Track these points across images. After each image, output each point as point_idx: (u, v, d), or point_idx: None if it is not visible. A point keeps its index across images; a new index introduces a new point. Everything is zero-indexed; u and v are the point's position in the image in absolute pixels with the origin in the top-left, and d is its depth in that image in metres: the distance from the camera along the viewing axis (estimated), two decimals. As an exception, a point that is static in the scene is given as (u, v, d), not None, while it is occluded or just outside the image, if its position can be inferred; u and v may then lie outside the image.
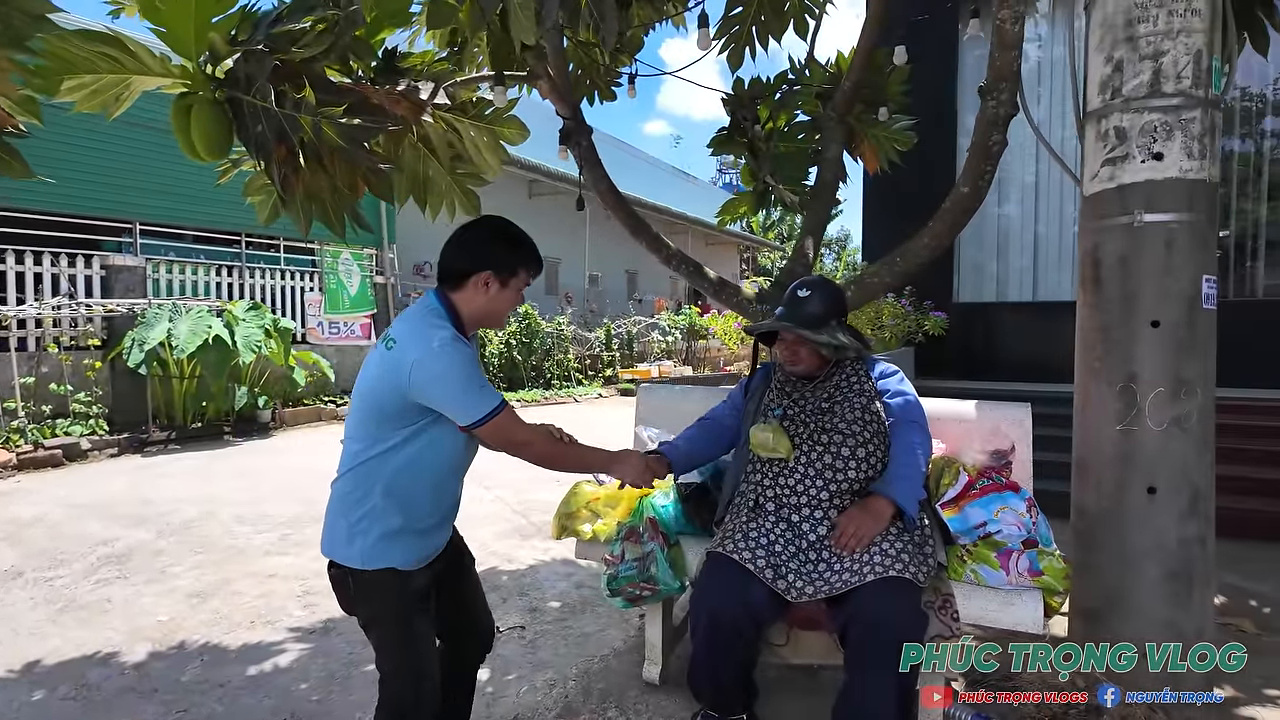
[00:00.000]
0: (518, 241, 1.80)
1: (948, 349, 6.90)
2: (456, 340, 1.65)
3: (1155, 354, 2.20)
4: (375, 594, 1.70)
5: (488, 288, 1.75)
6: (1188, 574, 2.19)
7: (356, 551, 1.67)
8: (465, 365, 1.62)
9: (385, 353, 1.67)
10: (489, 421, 1.63)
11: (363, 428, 1.69)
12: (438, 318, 1.70)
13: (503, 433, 1.66)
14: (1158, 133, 2.18)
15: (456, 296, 1.76)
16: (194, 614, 3.53)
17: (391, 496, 1.67)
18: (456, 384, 1.61)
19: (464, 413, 1.62)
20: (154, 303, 8.51)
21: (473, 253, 1.75)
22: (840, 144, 3.83)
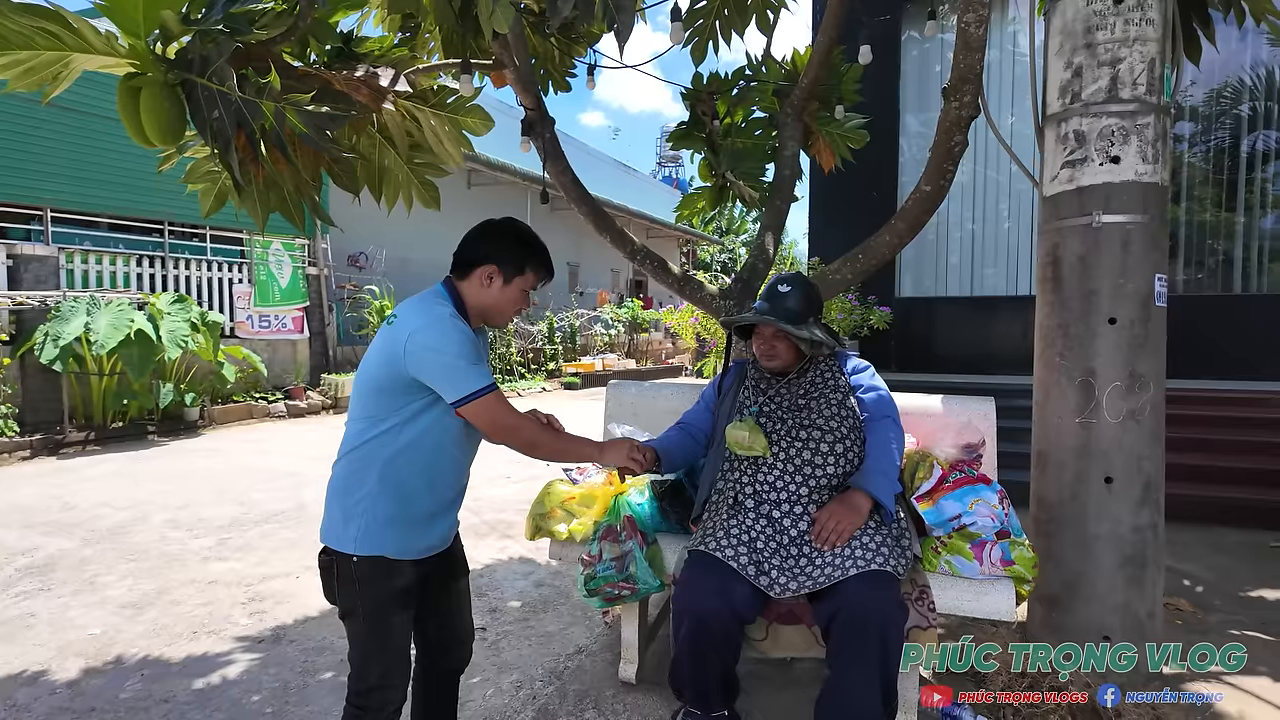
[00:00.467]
0: (529, 243, 1.81)
1: (891, 342, 7.09)
2: (455, 318, 1.66)
3: (1112, 350, 2.30)
4: (359, 582, 1.68)
5: (491, 282, 1.76)
6: (1141, 558, 2.30)
7: (350, 536, 1.67)
8: (460, 341, 1.62)
9: (386, 329, 1.69)
10: (475, 400, 1.61)
11: (361, 405, 1.70)
12: (441, 299, 1.73)
13: (489, 414, 1.65)
14: (1115, 137, 2.27)
15: (462, 286, 1.77)
16: (130, 626, 3.33)
17: (387, 482, 1.66)
18: (448, 357, 1.60)
19: (452, 388, 1.61)
20: (69, 295, 7.99)
21: (482, 245, 1.77)
22: (797, 141, 3.86)
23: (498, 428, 1.68)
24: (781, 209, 3.79)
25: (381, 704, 1.72)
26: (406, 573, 1.71)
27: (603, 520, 2.31)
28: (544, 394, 13.45)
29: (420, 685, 1.99)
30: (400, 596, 1.70)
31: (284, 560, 4.15)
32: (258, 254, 10.63)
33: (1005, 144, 2.74)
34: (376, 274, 12.94)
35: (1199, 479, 4.63)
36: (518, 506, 5.08)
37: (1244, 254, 6.81)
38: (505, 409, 1.68)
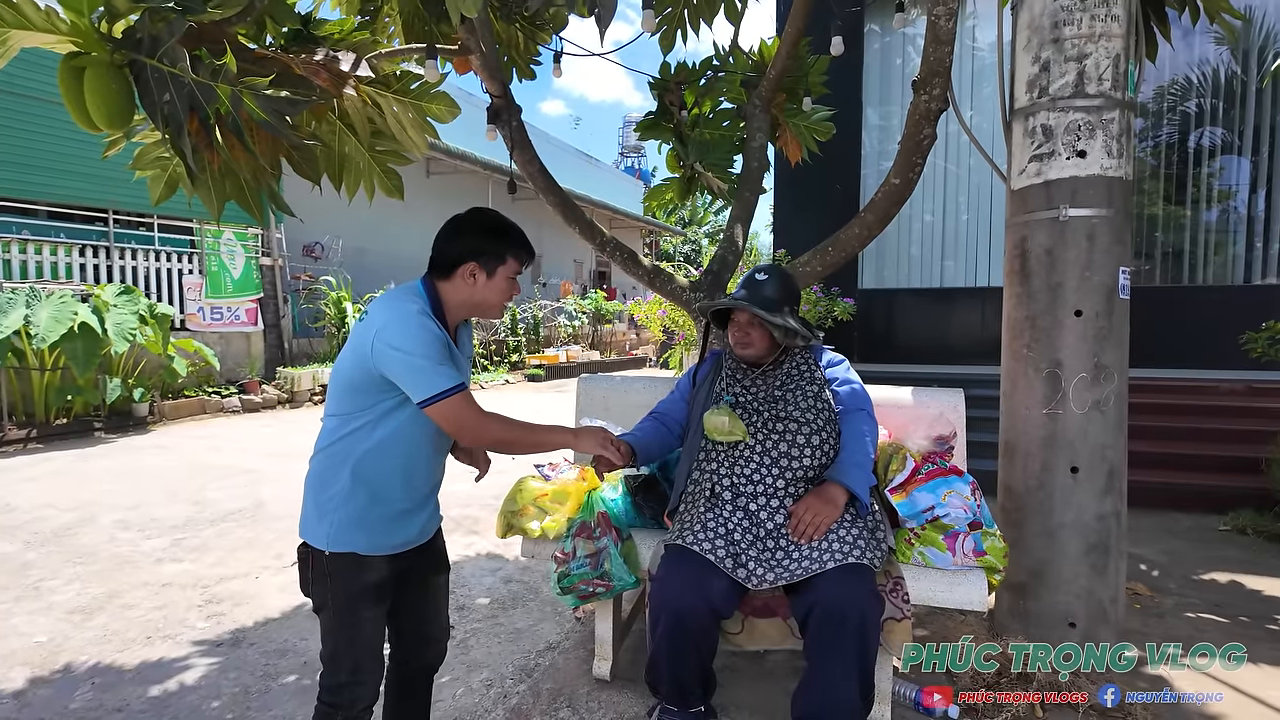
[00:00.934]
0: (503, 230, 1.78)
1: (854, 334, 7.17)
2: (424, 314, 1.63)
3: (1078, 341, 2.33)
4: (330, 577, 1.67)
5: (474, 278, 1.74)
6: (1105, 546, 2.35)
7: (323, 532, 1.66)
8: (425, 339, 1.59)
9: (358, 325, 1.69)
10: (440, 401, 1.59)
11: (336, 401, 1.69)
12: (413, 296, 1.70)
13: (455, 414, 1.61)
14: (1081, 131, 2.30)
15: (443, 286, 1.75)
16: (79, 632, 3.19)
17: (360, 479, 1.65)
18: (414, 356, 1.58)
19: (417, 387, 1.59)
20: (5, 286, 7.63)
21: (459, 244, 1.74)
22: (765, 133, 3.86)
23: (464, 430, 1.66)
24: (750, 200, 3.78)
25: (352, 700, 1.70)
26: (379, 568, 1.69)
27: (576, 517, 2.27)
28: (506, 386, 13.32)
29: (393, 683, 1.95)
30: (372, 592, 1.68)
31: (241, 560, 4.02)
32: (209, 244, 10.28)
33: (973, 138, 2.77)
34: (333, 264, 12.64)
35: (1152, 465, 4.78)
36: (484, 502, 5.01)
37: (1191, 247, 7.04)
38: (472, 410, 1.64)
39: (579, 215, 3.27)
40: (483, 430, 1.67)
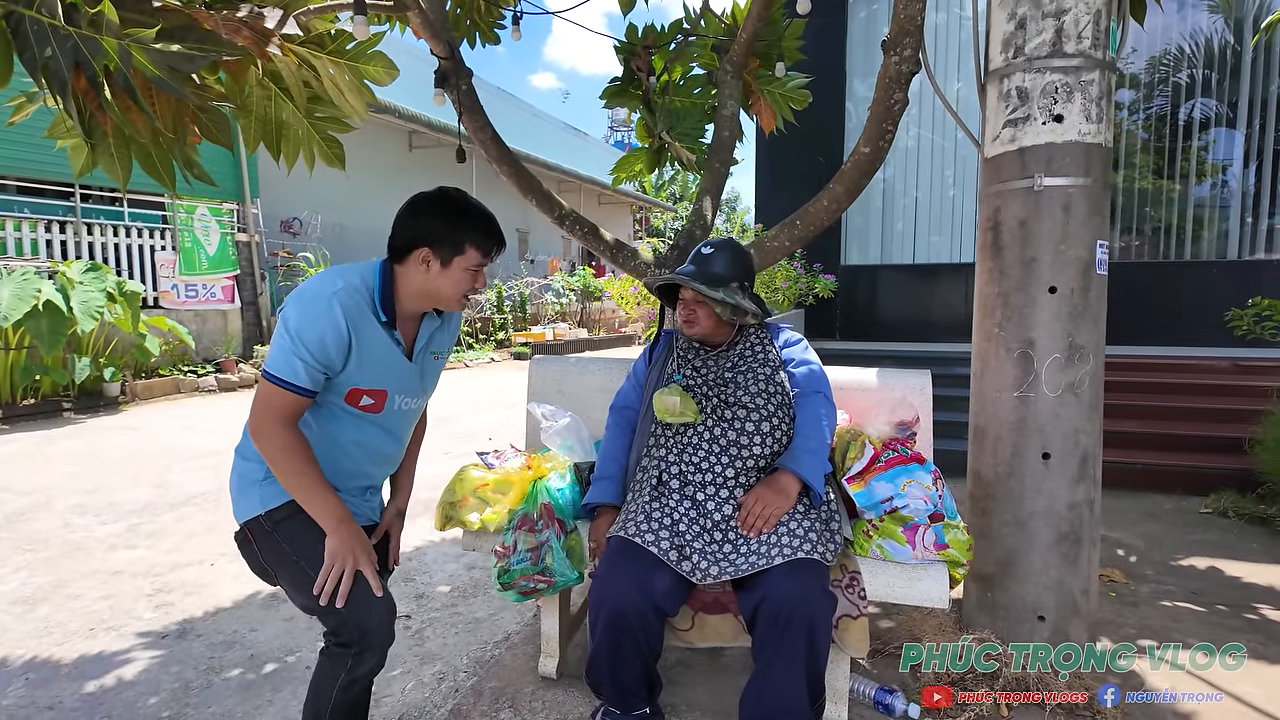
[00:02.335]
0: (463, 215, 1.64)
1: (836, 310, 7.03)
2: (334, 299, 1.54)
3: (1052, 320, 2.19)
4: (276, 529, 1.61)
5: (427, 266, 1.62)
6: (1077, 535, 2.23)
7: (255, 497, 1.62)
8: (309, 326, 1.51)
9: None
10: (265, 380, 1.53)
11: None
12: (358, 275, 1.61)
13: (261, 400, 1.54)
14: (1059, 94, 2.14)
15: (398, 270, 1.65)
16: (18, 625, 3.06)
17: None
18: (287, 332, 1.52)
19: (269, 357, 1.54)
20: (-34, 263, 7.41)
21: (413, 226, 1.62)
22: (737, 100, 3.67)
23: (252, 418, 1.55)
24: (720, 171, 3.61)
25: (365, 639, 1.59)
26: None
27: (518, 508, 2.13)
28: (492, 364, 13.17)
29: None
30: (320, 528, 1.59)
31: (197, 546, 3.89)
32: (181, 219, 10.03)
33: (945, 101, 2.60)
34: (312, 240, 12.40)
35: (1133, 445, 4.68)
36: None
37: (1179, 221, 6.90)
38: (272, 410, 1.53)
39: (535, 186, 3.11)
40: (263, 432, 1.54)
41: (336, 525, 1.57)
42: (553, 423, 2.37)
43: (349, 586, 1.55)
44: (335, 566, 1.55)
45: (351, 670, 1.59)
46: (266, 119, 2.75)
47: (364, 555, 1.58)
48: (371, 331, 1.61)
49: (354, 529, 1.59)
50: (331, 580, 1.54)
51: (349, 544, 1.57)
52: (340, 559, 1.55)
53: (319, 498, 1.56)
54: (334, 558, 1.55)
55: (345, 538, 1.57)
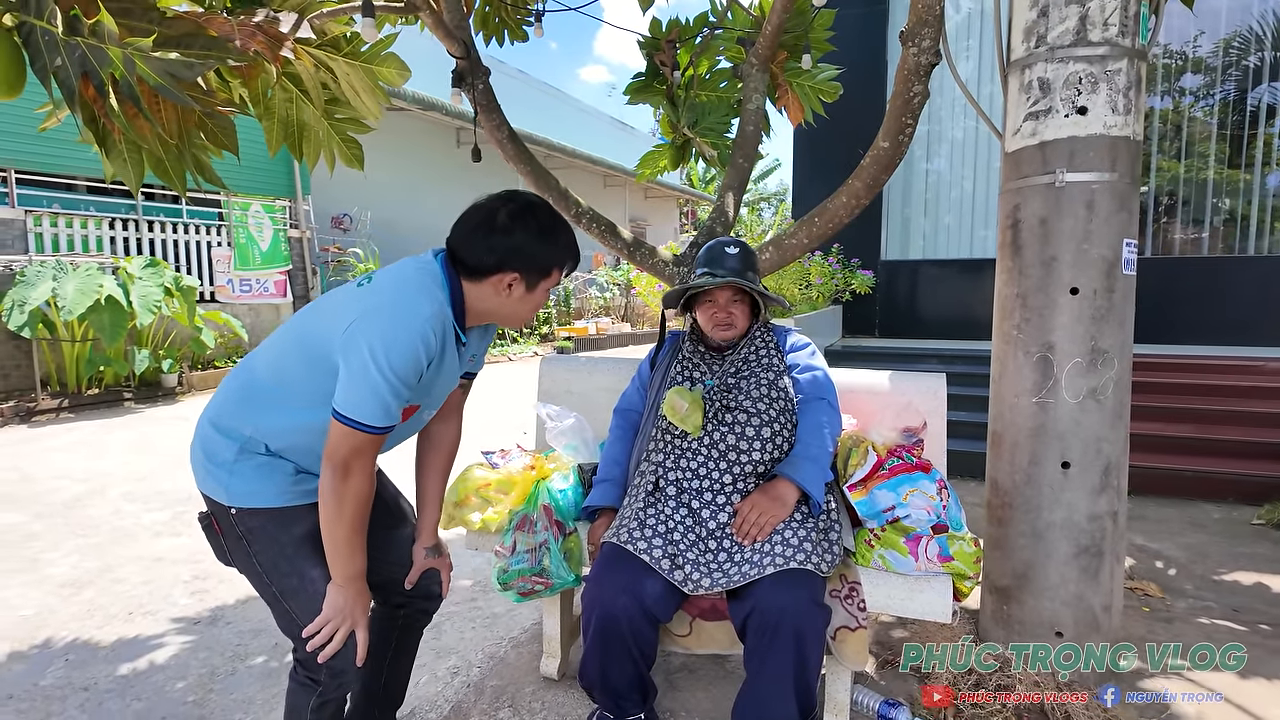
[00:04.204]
0: (555, 235, 1.50)
1: (875, 307, 6.87)
2: (428, 328, 1.38)
3: (1073, 322, 2.09)
4: (247, 542, 1.53)
5: (510, 290, 1.49)
6: (1098, 548, 2.13)
7: (221, 488, 1.51)
8: (406, 369, 1.36)
9: (355, 289, 1.48)
10: (346, 424, 1.36)
11: (276, 352, 1.51)
12: (434, 292, 1.44)
13: (344, 445, 1.39)
14: (1082, 85, 2.03)
15: (469, 287, 1.50)
16: (65, 607, 3.21)
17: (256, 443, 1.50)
18: (379, 374, 1.34)
19: (347, 396, 1.36)
20: (34, 259, 7.80)
21: (499, 245, 1.45)
22: (763, 94, 3.60)
23: (328, 457, 1.40)
24: (744, 167, 3.55)
25: (333, 675, 1.54)
26: (303, 518, 1.51)
27: (519, 509, 2.14)
28: (535, 358, 13.28)
29: (379, 627, 1.83)
30: (307, 544, 1.51)
31: (233, 535, 4.02)
32: (236, 216, 10.38)
33: (967, 92, 2.50)
34: (361, 236, 12.68)
35: (1183, 451, 4.45)
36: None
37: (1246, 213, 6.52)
38: (361, 455, 1.40)
39: (553, 184, 3.10)
40: (335, 476, 1.40)
41: (347, 581, 1.48)
42: (557, 423, 2.36)
43: (338, 646, 1.48)
44: (332, 623, 1.47)
45: (321, 695, 1.57)
46: (288, 121, 2.81)
47: (363, 618, 1.51)
48: (449, 353, 1.51)
49: (362, 588, 1.51)
50: (324, 635, 1.48)
51: (353, 603, 1.49)
52: (339, 617, 1.48)
53: (350, 553, 1.46)
54: (334, 611, 1.48)
55: (352, 596, 1.49)
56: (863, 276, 6.00)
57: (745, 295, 2.09)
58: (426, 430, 1.80)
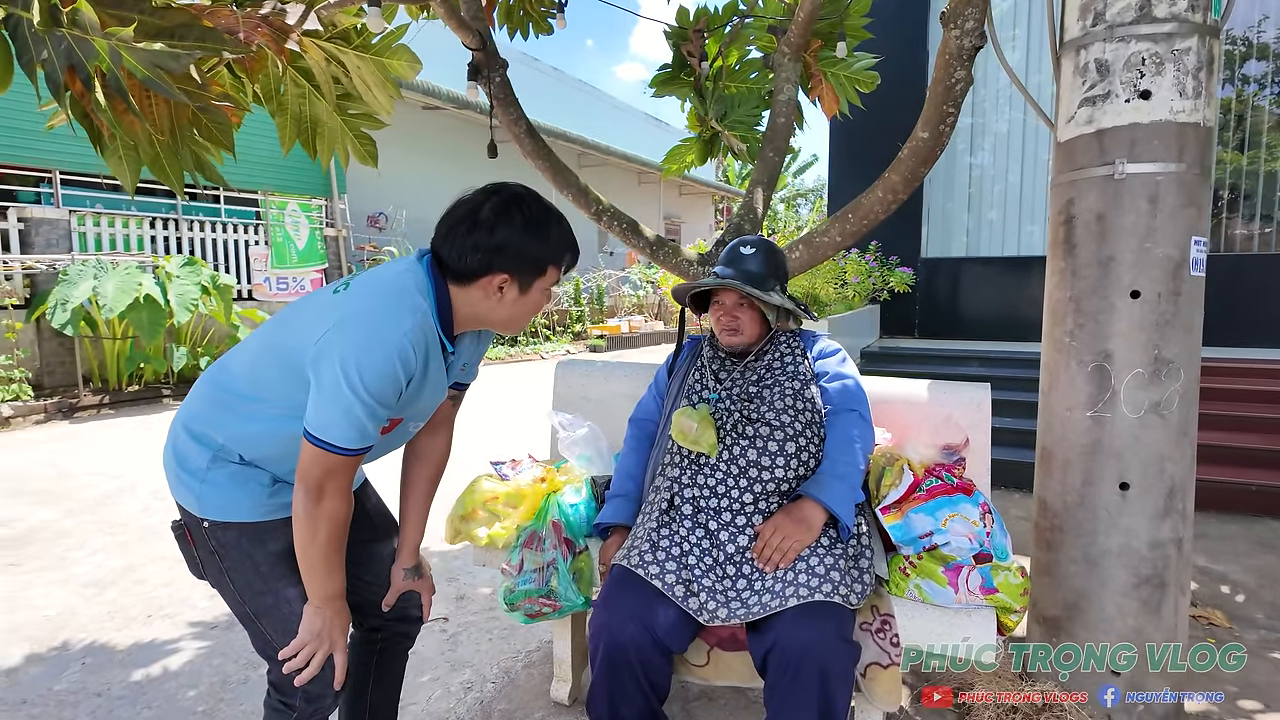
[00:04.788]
0: (546, 229, 1.37)
1: (914, 306, 6.62)
2: (406, 341, 1.27)
3: (1134, 329, 1.88)
4: (220, 557, 1.44)
5: (501, 293, 1.37)
6: (1160, 578, 1.92)
7: (193, 498, 1.41)
8: (381, 389, 1.25)
9: (331, 296, 1.36)
10: (319, 446, 1.26)
11: (249, 357, 1.41)
12: (414, 302, 1.32)
13: (317, 466, 1.28)
14: (1146, 66, 1.83)
15: (456, 291, 1.38)
16: (87, 608, 3.20)
17: (229, 453, 1.41)
18: (351, 393, 1.24)
19: (318, 416, 1.26)
20: (76, 258, 7.95)
21: (485, 245, 1.33)
22: (795, 85, 3.43)
23: (301, 479, 1.30)
24: (774, 161, 3.38)
25: (309, 700, 1.44)
26: (279, 533, 1.41)
27: (527, 525, 2.01)
28: (567, 356, 13.22)
29: (357, 653, 1.74)
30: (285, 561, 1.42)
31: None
32: (273, 215, 10.49)
33: (1014, 76, 2.30)
34: (396, 235, 12.76)
35: (1248, 463, 4.14)
36: (505, 481, 4.86)
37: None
38: (335, 478, 1.30)
39: (571, 181, 2.97)
40: (308, 498, 1.30)
41: (325, 602, 1.38)
42: (570, 432, 2.24)
43: (316, 670, 1.39)
44: (309, 646, 1.38)
45: (298, 718, 1.47)
46: (301, 117, 2.73)
47: (341, 640, 1.41)
48: (433, 365, 1.40)
49: (341, 607, 1.41)
50: (301, 659, 1.38)
51: (331, 624, 1.39)
52: (315, 640, 1.38)
53: (327, 574, 1.36)
54: (310, 634, 1.38)
55: (330, 617, 1.39)
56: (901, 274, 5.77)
57: (753, 299, 1.93)
58: (413, 443, 1.68)
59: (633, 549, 1.77)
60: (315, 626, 1.39)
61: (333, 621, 1.40)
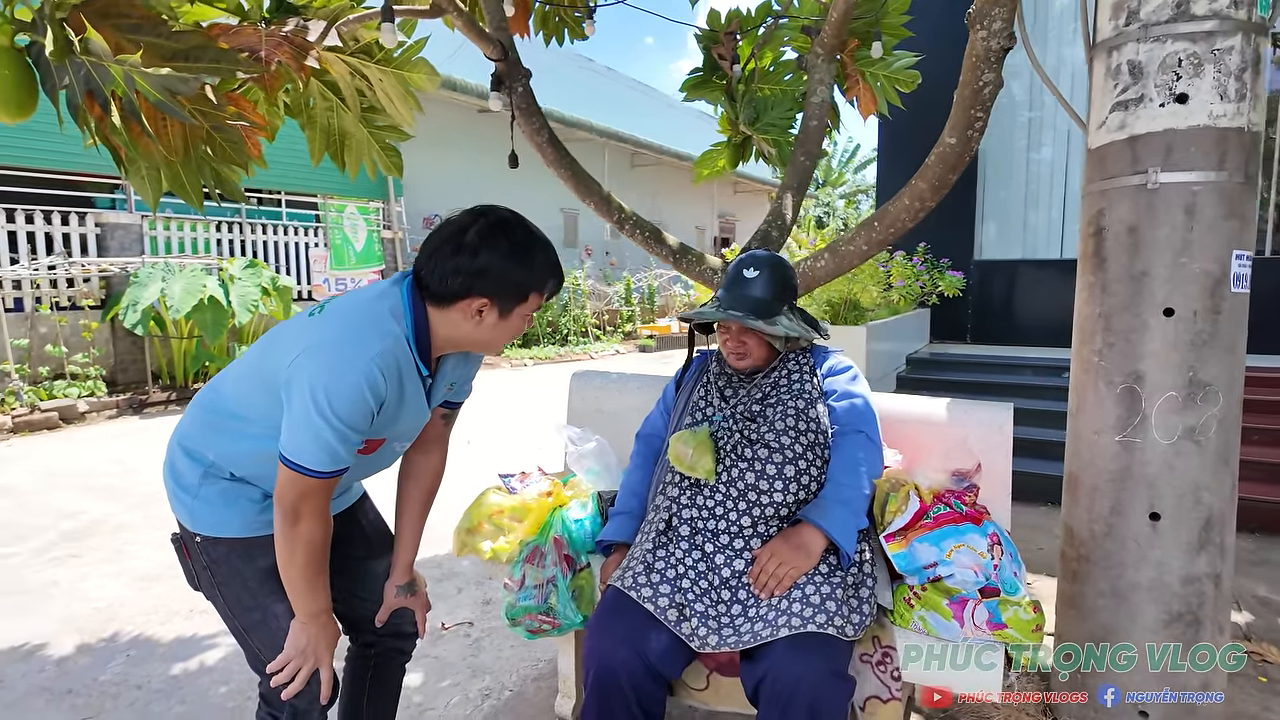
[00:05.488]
0: (529, 255, 1.36)
1: (966, 310, 6.38)
2: (373, 368, 1.27)
3: (1167, 349, 1.76)
4: (212, 572, 1.48)
5: (481, 316, 1.36)
6: (1194, 616, 1.79)
7: (186, 513, 1.46)
8: (350, 415, 1.26)
9: (306, 319, 1.38)
10: (293, 469, 1.28)
11: (236, 379, 1.46)
12: (393, 320, 1.33)
13: (291, 490, 1.30)
14: (1183, 67, 1.70)
15: (435, 314, 1.37)
16: (136, 600, 3.35)
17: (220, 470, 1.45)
18: (320, 417, 1.25)
19: (292, 440, 1.28)
20: (146, 261, 8.35)
21: (466, 269, 1.32)
22: (829, 86, 3.34)
23: (278, 502, 1.32)
24: (806, 165, 3.30)
25: (296, 713, 1.48)
26: (268, 550, 1.42)
27: (530, 540, 2.01)
28: (616, 356, 13.26)
29: (352, 667, 1.79)
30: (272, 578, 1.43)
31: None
32: (332, 219, 10.82)
33: (1046, 78, 2.18)
34: (451, 236, 12.98)
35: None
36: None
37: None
38: (310, 500, 1.31)
39: (594, 189, 2.96)
40: (285, 520, 1.32)
41: (310, 618, 1.40)
42: (579, 446, 2.22)
43: (301, 685, 1.41)
44: (294, 661, 1.40)
45: None
46: (329, 129, 2.79)
47: (327, 656, 1.43)
48: (410, 386, 1.40)
49: (327, 623, 1.43)
50: (287, 674, 1.40)
51: (317, 641, 1.41)
52: (300, 655, 1.41)
53: (309, 591, 1.38)
54: (295, 650, 1.40)
55: (315, 633, 1.41)
56: (951, 278, 5.56)
57: None
58: (406, 462, 1.70)
59: (627, 570, 1.75)
60: (301, 642, 1.41)
61: (318, 637, 1.42)
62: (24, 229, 7.80)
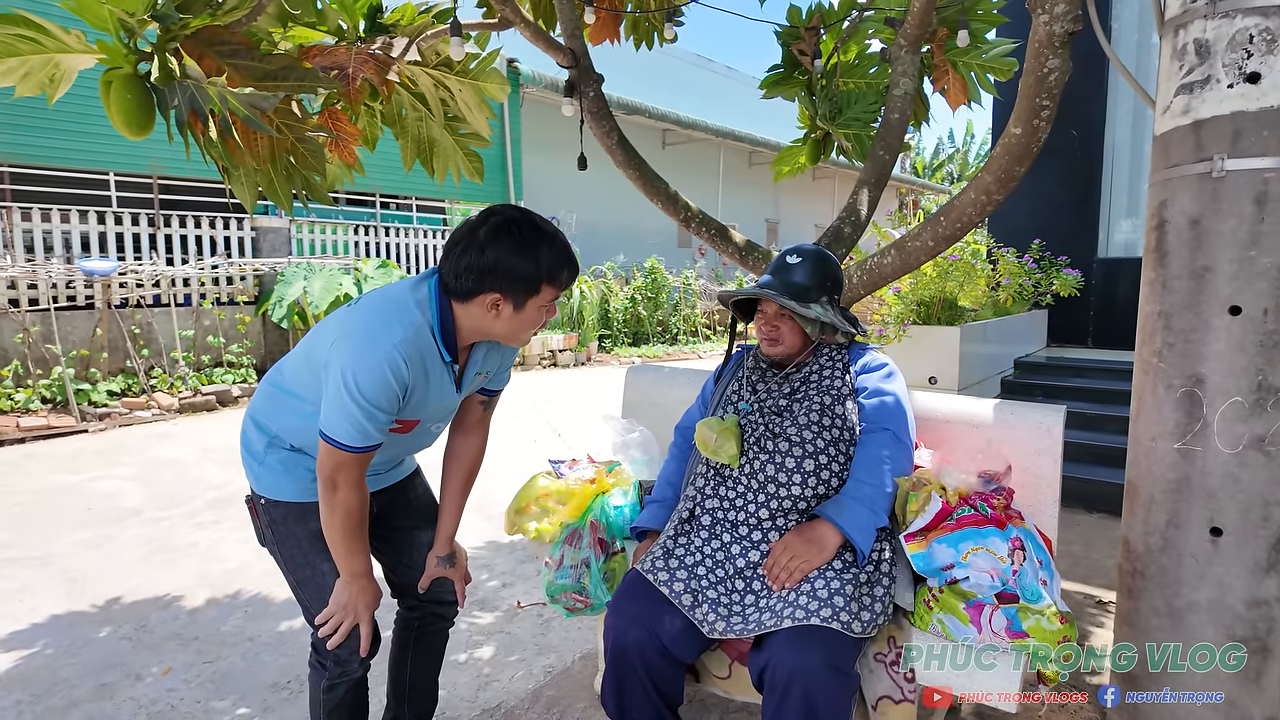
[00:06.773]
0: (535, 251, 1.46)
1: (1088, 313, 5.92)
2: (397, 352, 1.41)
3: (1232, 350, 1.61)
4: (273, 531, 1.67)
5: (497, 310, 1.48)
6: (1260, 642, 1.63)
7: (254, 476, 1.65)
8: (376, 394, 1.41)
9: (344, 308, 1.56)
10: (331, 444, 1.44)
11: (295, 362, 1.63)
12: (418, 310, 1.47)
13: (331, 462, 1.46)
14: (1254, 44, 1.55)
15: (458, 308, 1.50)
16: (258, 563, 3.74)
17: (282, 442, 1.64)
18: (351, 397, 1.40)
19: (329, 417, 1.44)
20: (293, 261, 9.20)
21: (477, 267, 1.44)
22: (913, 78, 3.24)
23: (320, 474, 1.48)
24: (885, 160, 3.22)
25: (339, 660, 1.65)
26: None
27: (570, 522, 2.11)
28: (725, 356, 13.22)
29: (399, 629, 1.97)
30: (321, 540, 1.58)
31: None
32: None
33: (1119, 63, 2.04)
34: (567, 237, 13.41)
35: None
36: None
37: None
38: (346, 472, 1.46)
39: (661, 189, 3.03)
40: (339, 490, 1.47)
41: (352, 579, 1.57)
42: (623, 436, 2.31)
43: (342, 638, 1.59)
44: (338, 616, 1.58)
45: (329, 679, 1.67)
46: (420, 138, 3.03)
47: (366, 614, 1.61)
48: (435, 371, 1.54)
49: (367, 584, 1.59)
50: (330, 627, 1.59)
51: (357, 599, 1.58)
52: (343, 611, 1.58)
53: (349, 554, 1.53)
54: (338, 605, 1.58)
55: (357, 593, 1.58)
56: (1066, 277, 5.18)
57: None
58: (450, 444, 1.86)
59: (649, 555, 1.81)
60: (343, 599, 1.59)
61: (359, 596, 1.59)
62: (192, 233, 8.80)
